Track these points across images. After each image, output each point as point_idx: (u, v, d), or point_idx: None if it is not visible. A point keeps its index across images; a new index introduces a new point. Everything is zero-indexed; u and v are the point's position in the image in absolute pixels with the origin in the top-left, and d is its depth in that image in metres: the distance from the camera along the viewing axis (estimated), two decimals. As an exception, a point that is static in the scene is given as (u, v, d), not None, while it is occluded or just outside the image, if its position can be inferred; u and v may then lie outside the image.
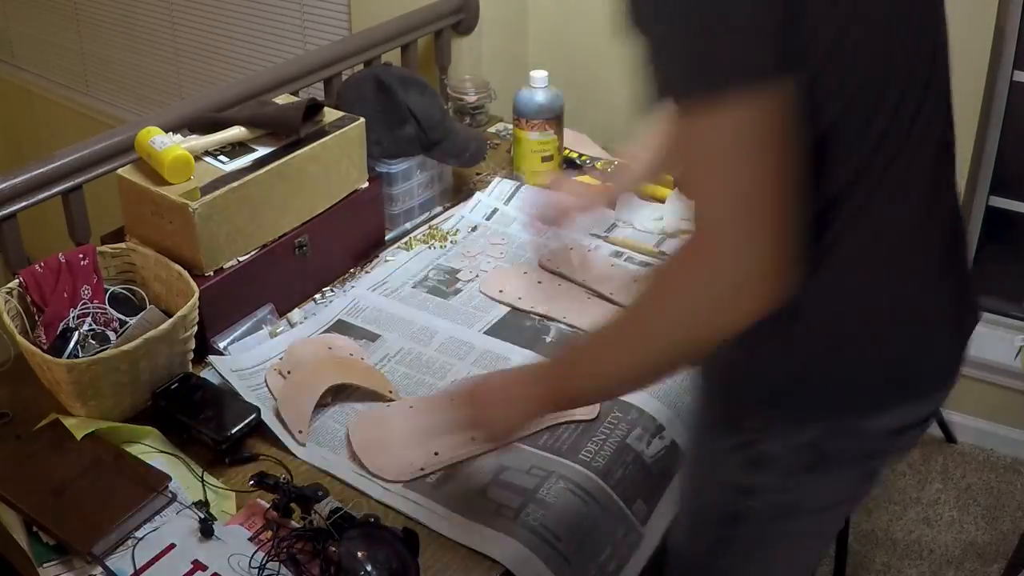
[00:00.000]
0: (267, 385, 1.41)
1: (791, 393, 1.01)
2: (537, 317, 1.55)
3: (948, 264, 1.03)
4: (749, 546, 1.13)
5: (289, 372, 1.40)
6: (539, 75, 1.85)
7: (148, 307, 1.42)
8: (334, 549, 1.10)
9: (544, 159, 1.88)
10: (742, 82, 0.83)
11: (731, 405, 1.08)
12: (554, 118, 1.87)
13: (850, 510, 1.21)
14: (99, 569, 1.12)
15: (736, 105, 0.83)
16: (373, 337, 1.52)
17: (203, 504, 1.19)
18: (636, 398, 1.39)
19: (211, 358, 1.43)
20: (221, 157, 1.51)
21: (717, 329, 0.91)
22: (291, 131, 1.55)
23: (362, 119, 1.63)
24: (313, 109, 1.58)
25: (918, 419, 1.07)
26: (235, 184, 1.43)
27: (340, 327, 1.54)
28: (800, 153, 0.87)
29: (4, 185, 1.52)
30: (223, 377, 1.40)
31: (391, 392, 1.39)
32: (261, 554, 1.13)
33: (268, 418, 1.33)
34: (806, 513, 1.09)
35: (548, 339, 1.50)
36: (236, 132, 1.54)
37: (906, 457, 1.11)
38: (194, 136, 1.53)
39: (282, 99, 1.70)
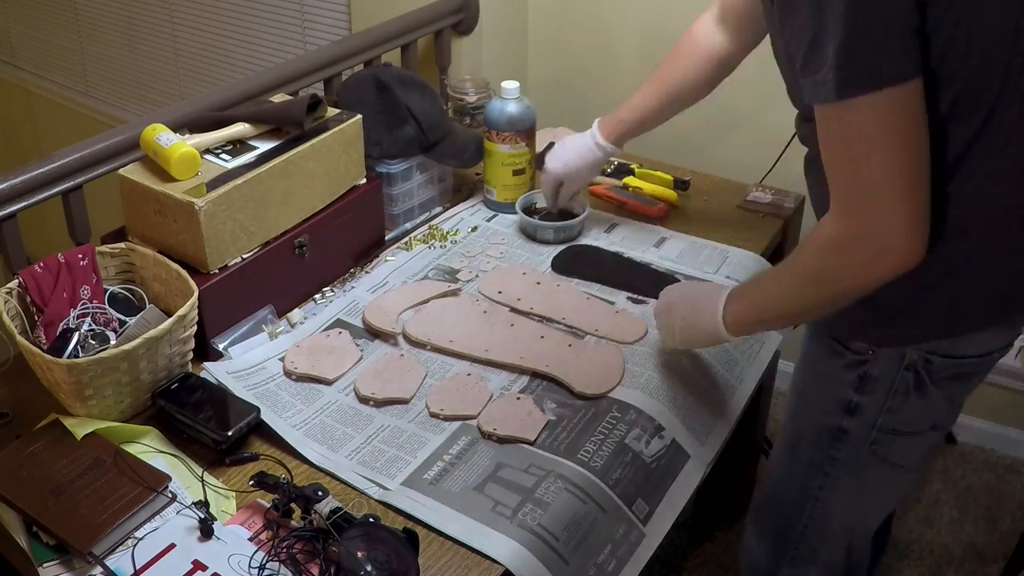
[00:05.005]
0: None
1: (904, 315, 1.17)
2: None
3: None
4: (844, 467, 1.29)
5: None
6: (510, 85, 1.78)
7: (148, 307, 1.42)
8: (334, 549, 1.10)
9: (516, 172, 1.82)
10: (889, 82, 0.98)
11: (847, 324, 1.23)
12: (525, 130, 1.80)
13: (932, 443, 1.31)
14: (99, 569, 1.12)
15: (879, 103, 0.99)
16: (372, 337, 1.53)
17: (203, 504, 1.19)
18: (635, 398, 1.39)
19: (205, 364, 1.44)
20: (223, 155, 1.51)
21: (863, 287, 1.10)
22: (295, 125, 1.55)
23: (359, 115, 1.64)
24: (314, 105, 1.58)
25: (1000, 345, 1.23)
26: (239, 181, 1.44)
27: (340, 327, 1.54)
28: (927, 134, 1.02)
29: (4, 185, 1.52)
30: (219, 381, 1.41)
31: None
32: (261, 554, 1.13)
33: (268, 418, 1.33)
34: (901, 436, 1.25)
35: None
36: (239, 129, 1.54)
37: (981, 380, 1.29)
38: (196, 135, 1.53)
39: (278, 98, 1.70)
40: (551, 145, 1.78)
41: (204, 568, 1.12)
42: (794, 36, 1.04)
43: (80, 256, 1.41)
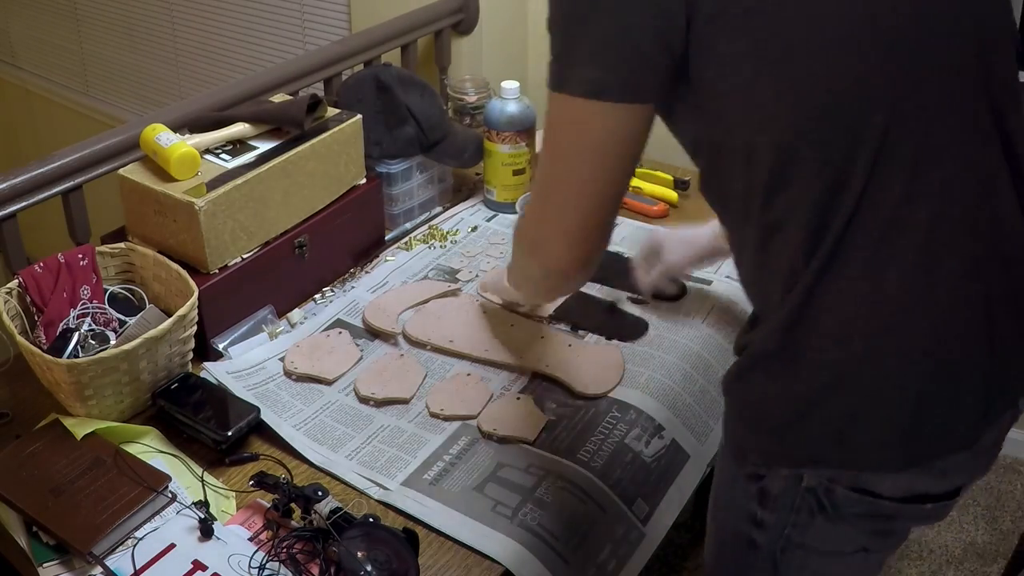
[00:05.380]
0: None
1: (790, 429, 0.99)
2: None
3: (983, 323, 0.93)
4: (768, 573, 1.12)
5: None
6: (510, 85, 1.78)
7: (148, 307, 1.42)
8: (334, 549, 1.10)
9: (516, 172, 1.82)
10: (573, 91, 0.92)
11: (740, 431, 1.07)
12: (525, 130, 1.80)
13: (873, 562, 1.12)
14: (99, 569, 1.12)
15: (570, 107, 0.93)
16: (372, 337, 1.53)
17: (203, 504, 1.19)
18: (635, 398, 1.39)
19: (206, 364, 1.44)
20: (223, 155, 1.51)
21: (531, 267, 1.09)
22: (296, 125, 1.55)
23: (359, 115, 1.64)
24: (314, 105, 1.58)
25: (939, 491, 1.01)
26: (239, 181, 1.44)
27: (340, 327, 1.54)
28: (623, 170, 0.97)
29: (4, 185, 1.52)
30: (219, 381, 1.41)
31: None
32: (261, 554, 1.13)
33: (268, 418, 1.33)
34: (817, 554, 1.07)
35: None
36: (239, 128, 1.54)
37: (938, 519, 1.08)
38: (196, 135, 1.53)
39: (278, 98, 1.70)
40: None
41: (204, 568, 1.12)
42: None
43: (80, 256, 1.41)
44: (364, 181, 1.67)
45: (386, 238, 1.77)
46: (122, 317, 1.41)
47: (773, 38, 0.86)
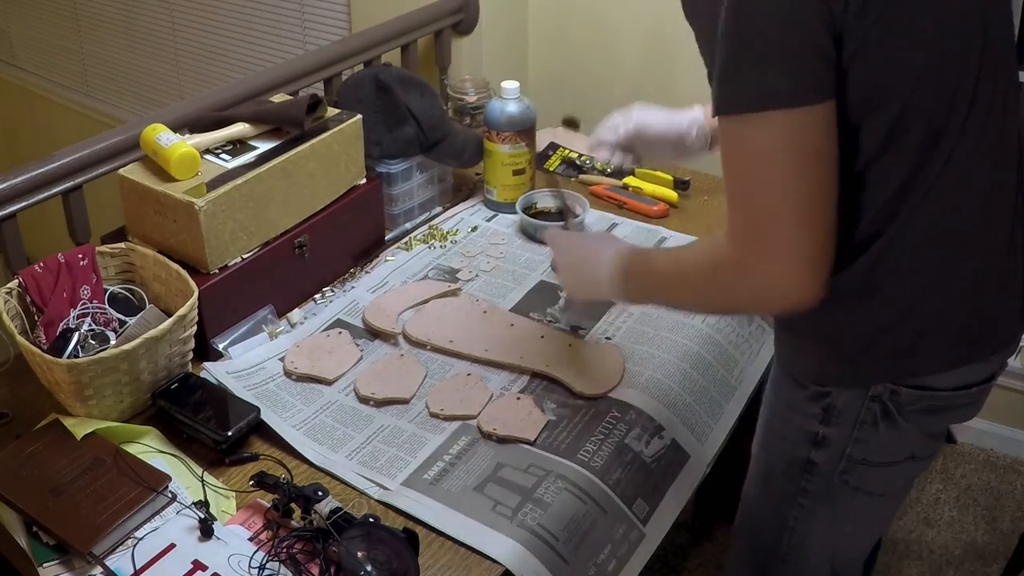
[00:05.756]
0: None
1: (864, 354, 1.10)
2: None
3: (1015, 240, 1.10)
4: (817, 498, 1.22)
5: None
6: (510, 85, 1.78)
7: (148, 307, 1.42)
8: (334, 549, 1.10)
9: (516, 172, 1.82)
10: (781, 105, 0.92)
11: (808, 359, 1.16)
12: (525, 130, 1.80)
13: (915, 471, 1.24)
14: (99, 569, 1.12)
15: (774, 124, 0.93)
16: (372, 337, 1.53)
17: (203, 504, 1.19)
18: (635, 398, 1.39)
19: (206, 364, 1.44)
20: (223, 155, 1.51)
21: (753, 311, 1.13)
22: (295, 125, 1.55)
23: (359, 115, 1.64)
24: (314, 105, 1.58)
25: (977, 379, 1.14)
26: (239, 181, 1.44)
27: (340, 327, 1.54)
28: (835, 163, 0.96)
29: (4, 185, 1.52)
30: (219, 381, 1.41)
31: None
32: (261, 554, 1.13)
33: (268, 418, 1.33)
34: (873, 466, 1.17)
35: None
36: (239, 128, 1.54)
37: (972, 413, 1.20)
38: (196, 135, 1.53)
39: (278, 98, 1.70)
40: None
41: (204, 568, 1.12)
42: (699, 40, 1.00)
43: (80, 256, 1.41)
44: (364, 181, 1.67)
45: (386, 238, 1.77)
46: (122, 317, 1.41)
47: (908, 23, 0.95)
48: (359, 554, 1.08)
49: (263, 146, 1.54)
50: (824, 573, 1.31)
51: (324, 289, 1.64)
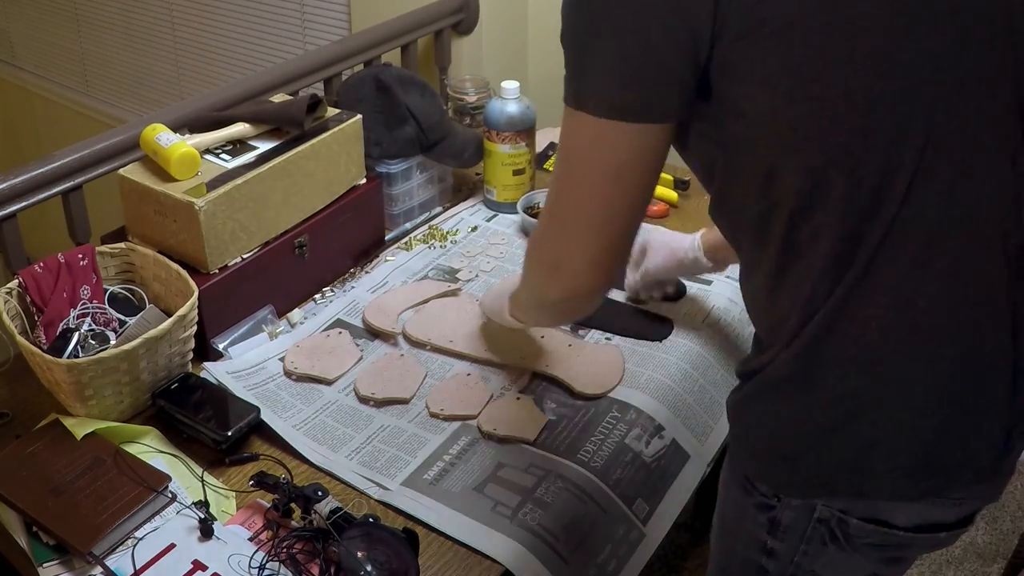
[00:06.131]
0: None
1: (804, 461, 0.97)
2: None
3: (1000, 346, 0.91)
4: None
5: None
6: (510, 85, 1.78)
7: (148, 307, 1.42)
8: (334, 549, 1.10)
9: (516, 172, 1.82)
10: (591, 111, 0.89)
11: (751, 456, 1.04)
12: (525, 130, 1.79)
13: None
14: (99, 569, 1.12)
15: (590, 125, 0.90)
16: (372, 337, 1.53)
17: (203, 504, 1.19)
18: (635, 398, 1.39)
19: (206, 364, 1.44)
20: (223, 155, 1.51)
21: (545, 296, 1.04)
22: (295, 125, 1.55)
23: (359, 115, 1.64)
24: (314, 105, 1.58)
25: (950, 519, 0.99)
26: (239, 181, 1.44)
27: (340, 327, 1.54)
28: (639, 185, 0.93)
29: (4, 185, 1.52)
30: (219, 381, 1.41)
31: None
32: (261, 554, 1.13)
33: (268, 418, 1.33)
34: None
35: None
36: (239, 128, 1.54)
37: (945, 546, 1.08)
38: (196, 135, 1.53)
39: (278, 98, 1.70)
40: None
41: (204, 568, 1.12)
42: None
43: (80, 256, 1.41)
44: (364, 181, 1.67)
45: (386, 238, 1.77)
46: (122, 317, 1.41)
47: (808, 57, 0.81)
48: (359, 554, 1.08)
49: (263, 146, 1.54)
50: None
51: (324, 289, 1.64)
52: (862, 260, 0.87)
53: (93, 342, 1.34)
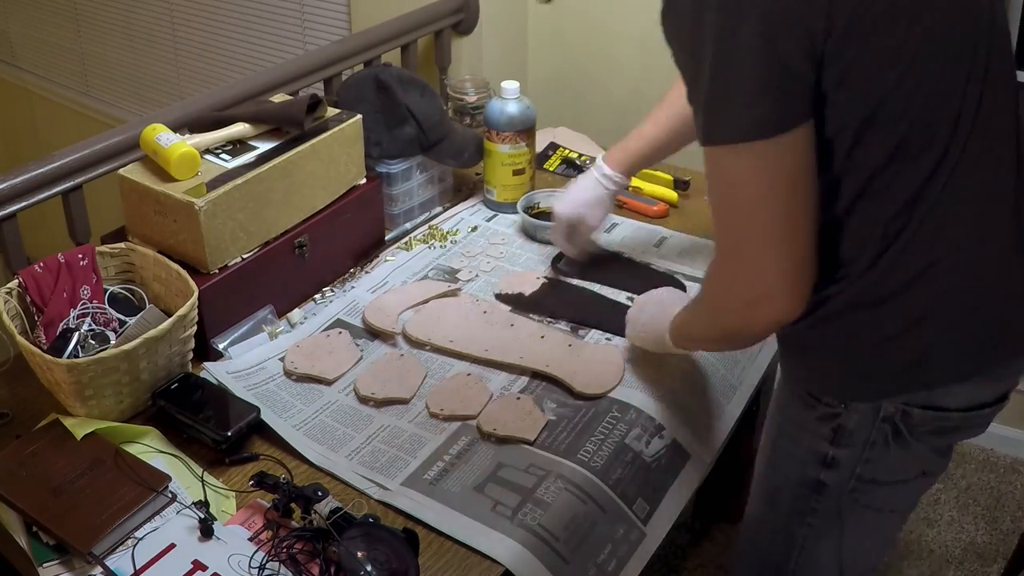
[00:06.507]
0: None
1: (875, 366, 1.10)
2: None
3: (1020, 242, 1.09)
4: (827, 517, 1.22)
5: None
6: (510, 85, 1.78)
7: (148, 307, 1.42)
8: (334, 549, 1.10)
9: (516, 172, 1.82)
10: (755, 136, 0.94)
11: (819, 374, 1.16)
12: (525, 130, 1.80)
13: (924, 487, 1.25)
14: (99, 569, 1.12)
15: (750, 153, 0.95)
16: (372, 337, 1.53)
17: (203, 504, 1.19)
18: (635, 398, 1.39)
19: (206, 364, 1.44)
20: (223, 155, 1.51)
21: (742, 333, 1.09)
22: (295, 125, 1.55)
23: (359, 115, 1.64)
24: (314, 105, 1.58)
25: (988, 399, 1.14)
26: (239, 181, 1.44)
27: (340, 327, 1.54)
28: (812, 183, 0.98)
29: (4, 185, 1.52)
30: (219, 381, 1.41)
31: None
32: (261, 554, 1.13)
33: (268, 418, 1.33)
34: (883, 485, 1.18)
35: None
36: (239, 129, 1.54)
37: (981, 432, 1.22)
38: (196, 135, 1.53)
39: (278, 98, 1.70)
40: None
41: (204, 568, 1.12)
42: (682, 74, 1.01)
43: (80, 256, 1.41)
44: (364, 181, 1.67)
45: (386, 238, 1.77)
46: (122, 317, 1.41)
47: (902, 38, 0.94)
48: (359, 554, 1.08)
49: (263, 146, 1.54)
50: None
51: (324, 289, 1.64)
52: (928, 199, 1.01)
53: (93, 342, 1.34)
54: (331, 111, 1.64)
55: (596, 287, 1.63)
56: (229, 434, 1.28)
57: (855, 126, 0.98)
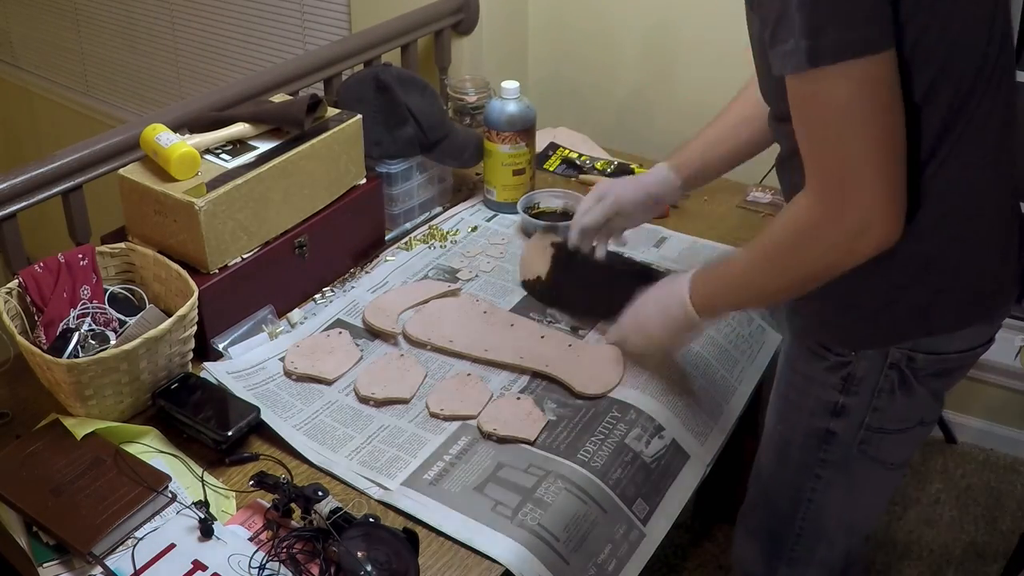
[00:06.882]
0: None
1: (884, 313, 1.15)
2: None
3: (1014, 204, 1.16)
4: (836, 468, 1.27)
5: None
6: (510, 85, 1.78)
7: (148, 307, 1.42)
8: (334, 549, 1.10)
9: (516, 172, 1.82)
10: (857, 53, 0.96)
11: (827, 328, 1.21)
12: (525, 130, 1.80)
13: (921, 437, 1.30)
14: (99, 569, 1.12)
15: (852, 74, 0.97)
16: (372, 337, 1.53)
17: (203, 504, 1.19)
18: (635, 398, 1.39)
19: (206, 364, 1.44)
20: (223, 155, 1.51)
21: (840, 266, 1.08)
22: (295, 125, 1.55)
23: (359, 115, 1.64)
24: (314, 105, 1.58)
25: (982, 341, 1.21)
26: (239, 181, 1.44)
27: (340, 327, 1.54)
28: (902, 110, 1.01)
29: (4, 185, 1.52)
30: (219, 381, 1.41)
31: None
32: (261, 554, 1.13)
33: (268, 418, 1.33)
34: (889, 434, 1.24)
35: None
36: (239, 129, 1.54)
37: (963, 375, 1.27)
38: (196, 135, 1.53)
39: (278, 98, 1.70)
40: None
41: (204, 568, 1.12)
42: (764, 7, 1.02)
43: (80, 256, 1.41)
44: (364, 181, 1.67)
45: (386, 238, 1.77)
46: (122, 317, 1.41)
47: None
48: (359, 554, 1.08)
49: (263, 146, 1.54)
50: (839, 545, 1.36)
51: (324, 289, 1.64)
52: (945, 148, 1.06)
53: (93, 342, 1.34)
54: (331, 111, 1.64)
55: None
56: (229, 434, 1.28)
57: (902, 66, 1.01)
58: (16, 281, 1.38)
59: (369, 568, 1.07)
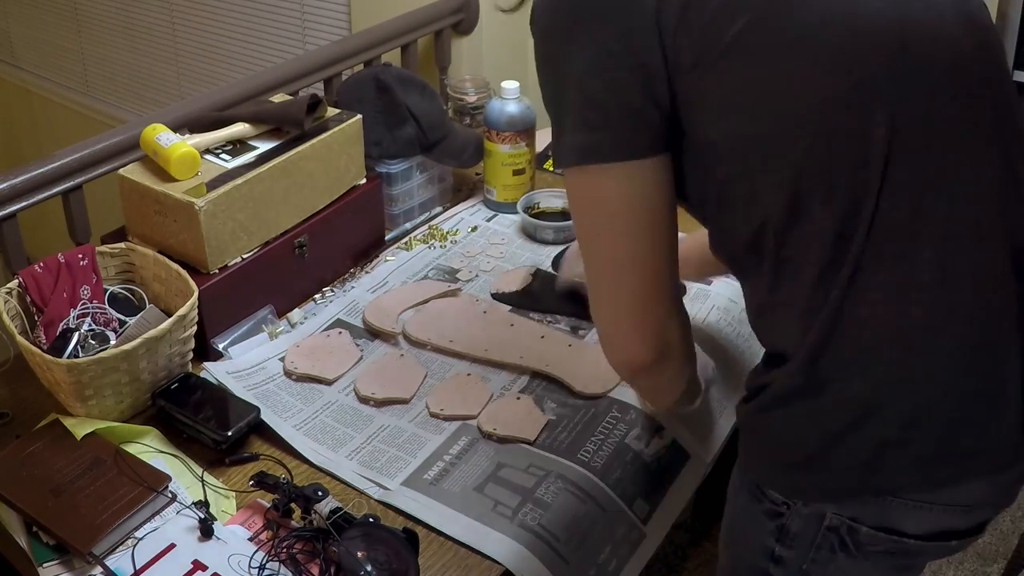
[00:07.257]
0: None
1: (816, 465, 0.97)
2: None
3: (1009, 333, 0.92)
4: None
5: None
6: (510, 85, 1.78)
7: (148, 307, 1.42)
8: (334, 549, 1.10)
9: (516, 172, 1.82)
10: (585, 160, 0.92)
11: (761, 466, 1.05)
12: (525, 130, 1.80)
13: None
14: (99, 569, 1.12)
15: (582, 181, 0.94)
16: (372, 337, 1.53)
17: (203, 504, 1.19)
18: (635, 398, 1.39)
19: (205, 364, 1.44)
20: (223, 155, 1.51)
21: (623, 377, 1.10)
22: (295, 125, 1.55)
23: (359, 115, 1.64)
24: (314, 105, 1.58)
25: (964, 526, 1.00)
26: (239, 181, 1.44)
27: (340, 327, 1.54)
28: (654, 221, 0.94)
29: (4, 185, 1.52)
30: (219, 381, 1.41)
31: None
32: (261, 554, 1.13)
33: (268, 418, 1.33)
34: None
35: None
36: (239, 128, 1.54)
37: (953, 554, 1.07)
38: (196, 135, 1.53)
39: (278, 98, 1.70)
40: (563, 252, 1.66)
41: (204, 568, 1.12)
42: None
43: (80, 256, 1.41)
44: (364, 181, 1.67)
45: (386, 238, 1.77)
46: (122, 317, 1.41)
47: (755, 73, 0.86)
48: (359, 554, 1.08)
49: (263, 146, 1.54)
50: None
51: (324, 289, 1.64)
52: (851, 261, 0.88)
53: (93, 342, 1.34)
54: (331, 111, 1.64)
55: None
56: (229, 434, 1.28)
57: (743, 180, 0.91)
58: (16, 281, 1.38)
59: (369, 568, 1.07)
